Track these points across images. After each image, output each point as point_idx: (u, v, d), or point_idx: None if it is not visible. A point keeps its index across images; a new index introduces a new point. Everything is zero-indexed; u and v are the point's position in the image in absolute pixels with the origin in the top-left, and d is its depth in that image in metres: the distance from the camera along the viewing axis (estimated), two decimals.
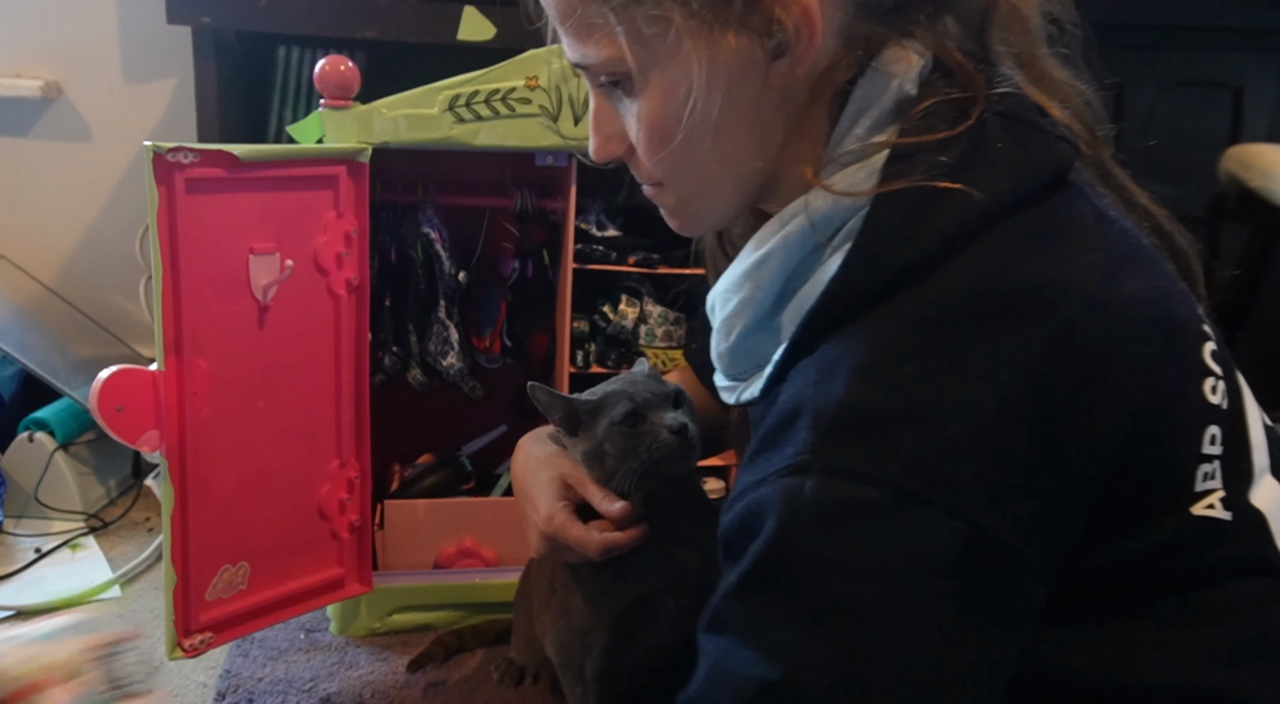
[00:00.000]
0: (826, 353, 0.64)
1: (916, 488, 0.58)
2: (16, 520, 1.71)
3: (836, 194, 0.67)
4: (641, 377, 1.01)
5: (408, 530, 1.49)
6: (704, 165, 0.72)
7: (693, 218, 0.79)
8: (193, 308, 1.14)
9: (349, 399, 1.33)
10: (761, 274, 0.72)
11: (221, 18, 1.58)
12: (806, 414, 0.61)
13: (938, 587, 0.58)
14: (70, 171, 1.98)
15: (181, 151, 1.10)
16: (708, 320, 0.80)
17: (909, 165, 0.65)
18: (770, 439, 0.64)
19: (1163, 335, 0.65)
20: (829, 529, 0.59)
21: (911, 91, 0.68)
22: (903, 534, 0.58)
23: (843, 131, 0.69)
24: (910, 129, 0.67)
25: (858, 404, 0.60)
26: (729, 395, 0.78)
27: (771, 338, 0.73)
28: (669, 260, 1.62)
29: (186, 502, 1.18)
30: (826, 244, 0.68)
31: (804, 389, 0.63)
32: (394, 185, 1.50)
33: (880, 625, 0.58)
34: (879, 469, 0.58)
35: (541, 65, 1.33)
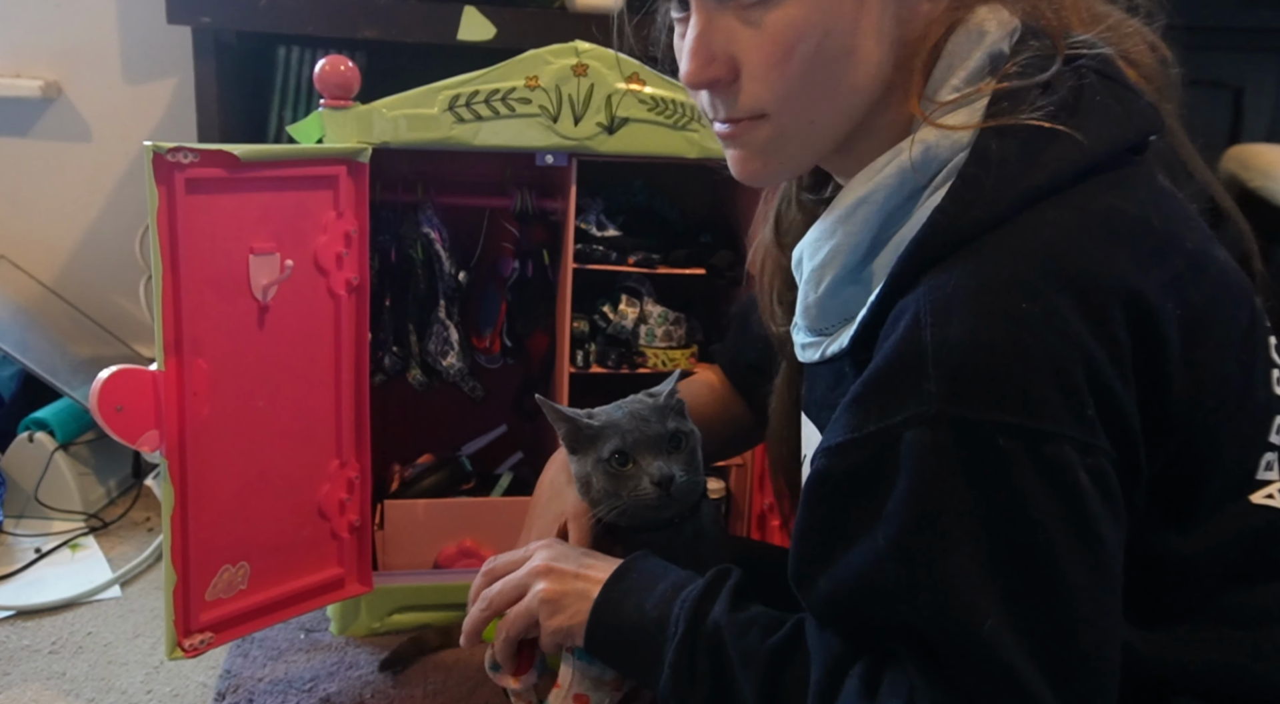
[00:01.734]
0: (936, 289, 0.62)
1: (1050, 429, 0.58)
2: (16, 520, 1.71)
3: (944, 127, 0.66)
4: (652, 405, 0.95)
5: (408, 530, 1.49)
6: (831, 91, 0.69)
7: (783, 156, 0.74)
8: (193, 308, 1.14)
9: (349, 399, 1.33)
10: (855, 220, 0.70)
11: (221, 18, 1.58)
12: (926, 360, 0.60)
13: (1085, 522, 0.59)
14: (70, 171, 1.98)
15: (181, 151, 1.10)
16: (727, 321, 0.80)
17: (1013, 105, 0.65)
18: (883, 385, 0.62)
19: (1249, 314, 0.67)
20: (974, 482, 0.59)
21: (1004, 49, 0.68)
22: (1042, 476, 0.58)
23: (938, 82, 0.69)
24: (1010, 76, 0.66)
25: (982, 347, 0.59)
26: (813, 352, 0.76)
27: (862, 290, 0.71)
28: (669, 260, 1.62)
29: (186, 502, 1.18)
30: (925, 187, 0.67)
31: (918, 331, 0.61)
32: (394, 185, 1.50)
33: (1040, 567, 0.59)
34: (1009, 415, 0.58)
35: (541, 65, 1.34)
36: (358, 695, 1.30)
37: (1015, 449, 0.58)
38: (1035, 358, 0.59)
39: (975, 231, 0.63)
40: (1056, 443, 0.59)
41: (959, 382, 0.59)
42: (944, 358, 0.60)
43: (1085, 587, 0.60)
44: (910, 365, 0.61)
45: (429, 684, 1.33)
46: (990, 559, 0.59)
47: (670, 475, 0.90)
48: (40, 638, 1.41)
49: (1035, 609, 0.59)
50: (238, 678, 1.33)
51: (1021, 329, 0.59)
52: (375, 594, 1.41)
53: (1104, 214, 0.63)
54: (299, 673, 1.35)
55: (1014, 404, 0.58)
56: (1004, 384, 0.59)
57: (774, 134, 0.72)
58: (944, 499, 0.60)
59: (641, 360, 1.60)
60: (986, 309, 0.60)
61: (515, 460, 1.70)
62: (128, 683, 1.32)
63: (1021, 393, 0.58)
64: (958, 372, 0.59)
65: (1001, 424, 0.58)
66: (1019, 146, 0.64)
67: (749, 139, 0.73)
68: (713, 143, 1.41)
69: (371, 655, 1.39)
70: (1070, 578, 0.59)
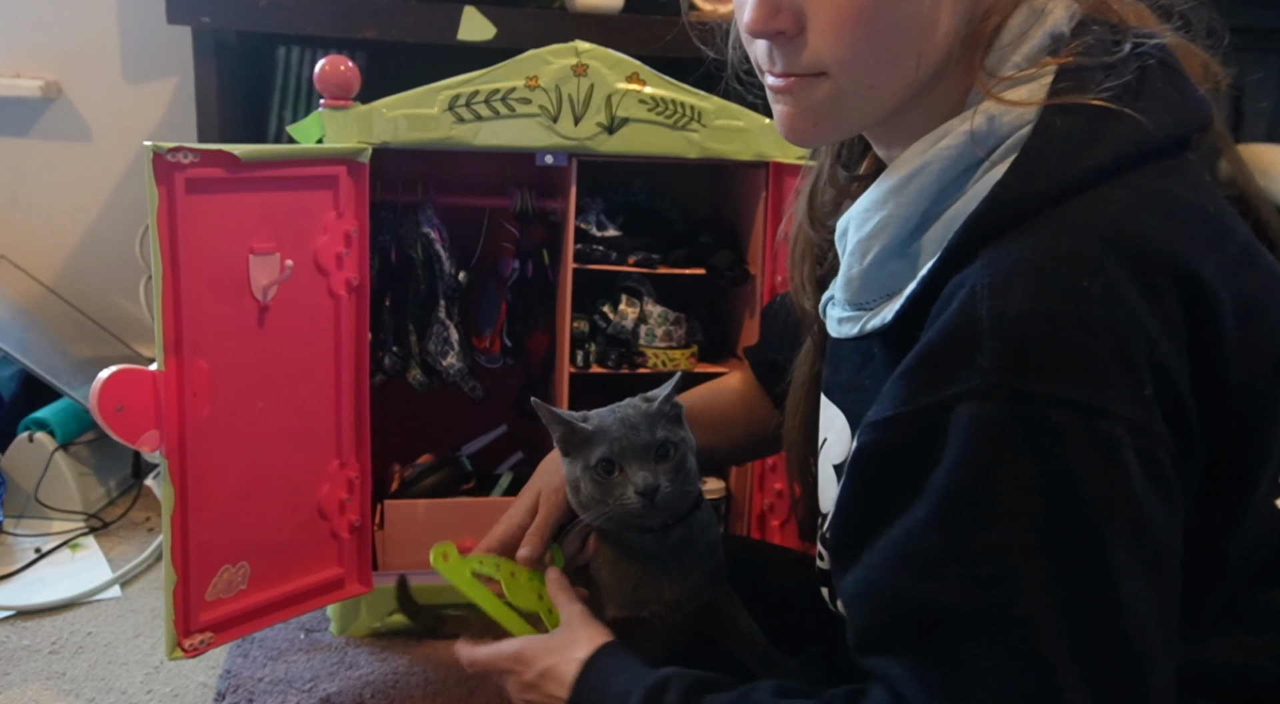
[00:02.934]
0: (996, 262, 0.61)
1: (1106, 405, 0.57)
2: (16, 520, 1.71)
3: (1009, 103, 0.65)
4: (644, 411, 0.93)
5: (408, 530, 1.49)
6: (895, 55, 0.67)
7: (836, 118, 0.71)
8: (193, 308, 1.14)
9: (349, 399, 1.33)
10: (909, 191, 0.68)
11: (221, 18, 1.58)
12: (983, 332, 0.59)
13: (1134, 505, 0.58)
14: (70, 171, 1.98)
15: (181, 151, 1.10)
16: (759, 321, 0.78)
17: (1078, 84, 0.65)
18: (936, 358, 0.62)
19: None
20: (1025, 455, 0.58)
21: (1065, 31, 0.68)
22: (1096, 454, 0.57)
23: (998, 56, 0.68)
24: (1075, 53, 0.66)
25: (1040, 319, 0.58)
26: (849, 327, 0.74)
27: (907, 265, 0.70)
28: (669, 260, 1.62)
29: (186, 502, 1.18)
30: (983, 160, 0.66)
31: (973, 303, 0.60)
32: (394, 185, 1.50)
33: (1086, 548, 0.58)
34: (1065, 389, 0.57)
35: (541, 65, 1.34)
36: (358, 695, 1.30)
37: (1070, 424, 0.57)
38: (1096, 332, 0.58)
39: (1037, 206, 0.62)
40: (1112, 421, 0.57)
41: (1015, 353, 0.58)
42: (1001, 330, 0.58)
43: (1130, 571, 0.58)
44: (965, 338, 0.60)
45: (428, 684, 1.33)
46: (1034, 535, 0.58)
47: (655, 486, 0.89)
48: (40, 638, 1.41)
49: (1075, 589, 0.58)
50: (238, 678, 1.33)
51: (1082, 303, 0.58)
52: (375, 594, 1.41)
53: (1162, 196, 0.63)
54: (299, 673, 1.35)
55: (1072, 378, 0.57)
56: (1062, 357, 0.58)
57: (830, 94, 0.69)
58: (992, 471, 0.59)
59: (641, 360, 1.60)
60: (1047, 282, 0.59)
61: (515, 460, 1.70)
62: (128, 683, 1.32)
63: (1080, 366, 0.58)
64: (1015, 343, 0.58)
65: (1057, 397, 0.57)
66: (1084, 124, 0.63)
67: (803, 96, 0.70)
68: (713, 142, 1.41)
69: (371, 655, 1.39)
70: (1115, 561, 0.58)
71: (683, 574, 0.94)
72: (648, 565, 0.93)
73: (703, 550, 0.95)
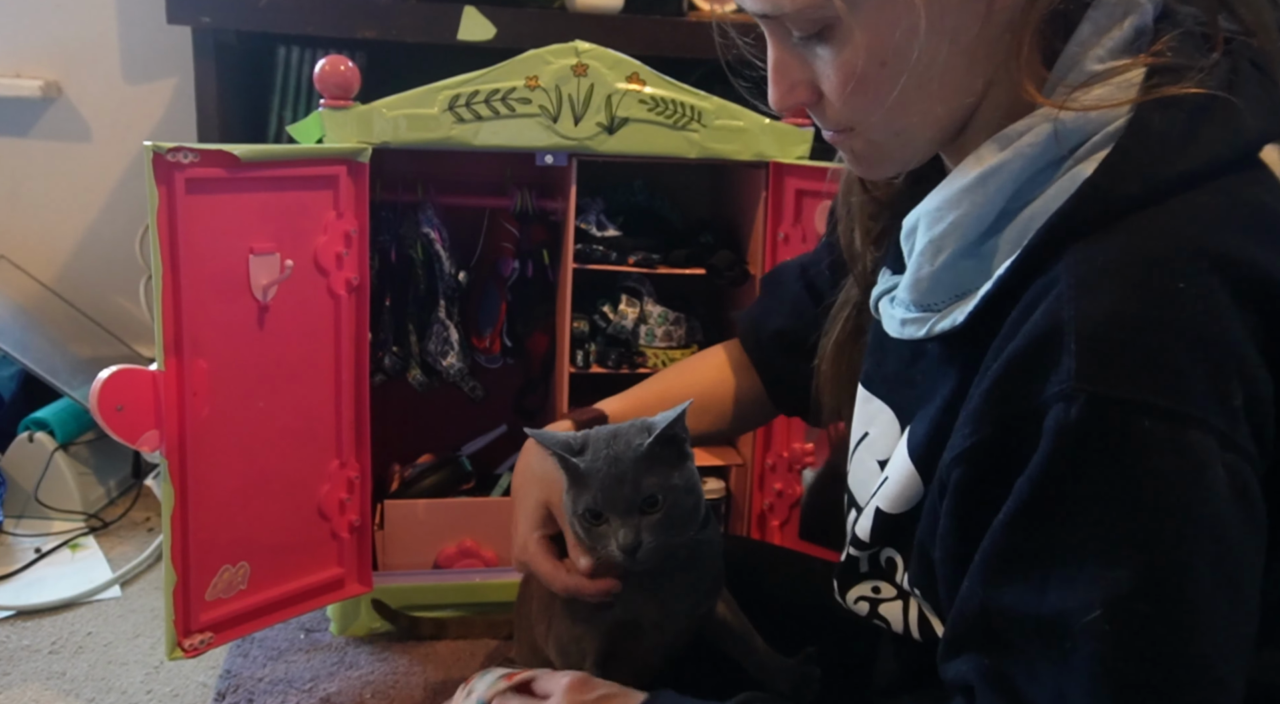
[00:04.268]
0: (1082, 263, 0.59)
1: (1196, 414, 0.55)
2: (16, 520, 1.71)
3: (1082, 110, 0.62)
4: (635, 453, 0.86)
5: (408, 530, 1.49)
6: (910, 110, 0.67)
7: (883, 161, 0.73)
8: (193, 308, 1.14)
9: (349, 399, 1.33)
10: (986, 189, 0.66)
11: (221, 18, 1.58)
12: (1068, 335, 0.57)
13: (1217, 522, 0.56)
14: (70, 171, 1.98)
15: (181, 151, 1.10)
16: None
17: (1175, 79, 0.62)
18: (1022, 365, 0.60)
19: None
20: (1108, 462, 0.56)
21: (1149, 23, 0.65)
22: (1182, 465, 0.55)
23: (1074, 55, 0.65)
24: (1165, 52, 0.63)
25: (1128, 323, 0.56)
26: (913, 328, 0.72)
27: (979, 265, 0.67)
28: (669, 260, 1.62)
29: (186, 502, 1.18)
30: (1067, 157, 0.63)
31: (1058, 306, 0.58)
32: (394, 185, 1.50)
33: (1162, 564, 0.56)
34: (1155, 395, 0.55)
35: (541, 65, 1.33)
36: (358, 695, 1.30)
37: (1158, 431, 0.55)
38: (1186, 338, 0.56)
39: (1126, 208, 0.60)
40: (1201, 430, 0.55)
41: (1102, 358, 0.56)
42: (1087, 333, 0.57)
43: (1208, 590, 0.56)
44: (1050, 342, 0.58)
45: (428, 684, 1.33)
46: (1111, 544, 0.56)
47: (637, 544, 0.85)
48: (40, 638, 1.41)
49: (1147, 604, 0.55)
50: (238, 678, 1.33)
51: (1173, 307, 0.56)
52: (375, 594, 1.41)
53: (1255, 207, 0.61)
54: (299, 673, 1.35)
55: (1160, 384, 0.55)
56: (1151, 362, 0.56)
57: (867, 144, 0.72)
58: (1074, 477, 0.57)
59: (641, 360, 1.60)
60: (1137, 285, 0.57)
61: (515, 460, 1.70)
62: (128, 683, 1.32)
63: (1169, 373, 0.55)
64: (1101, 347, 0.56)
65: (1145, 404, 0.55)
66: (1183, 122, 0.61)
67: (848, 148, 0.73)
68: (713, 143, 1.41)
69: (371, 655, 1.39)
70: (1194, 577, 0.55)
71: (683, 589, 0.93)
72: (647, 579, 0.92)
73: (705, 567, 0.94)
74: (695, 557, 0.92)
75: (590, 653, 0.99)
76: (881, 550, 0.79)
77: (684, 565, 0.92)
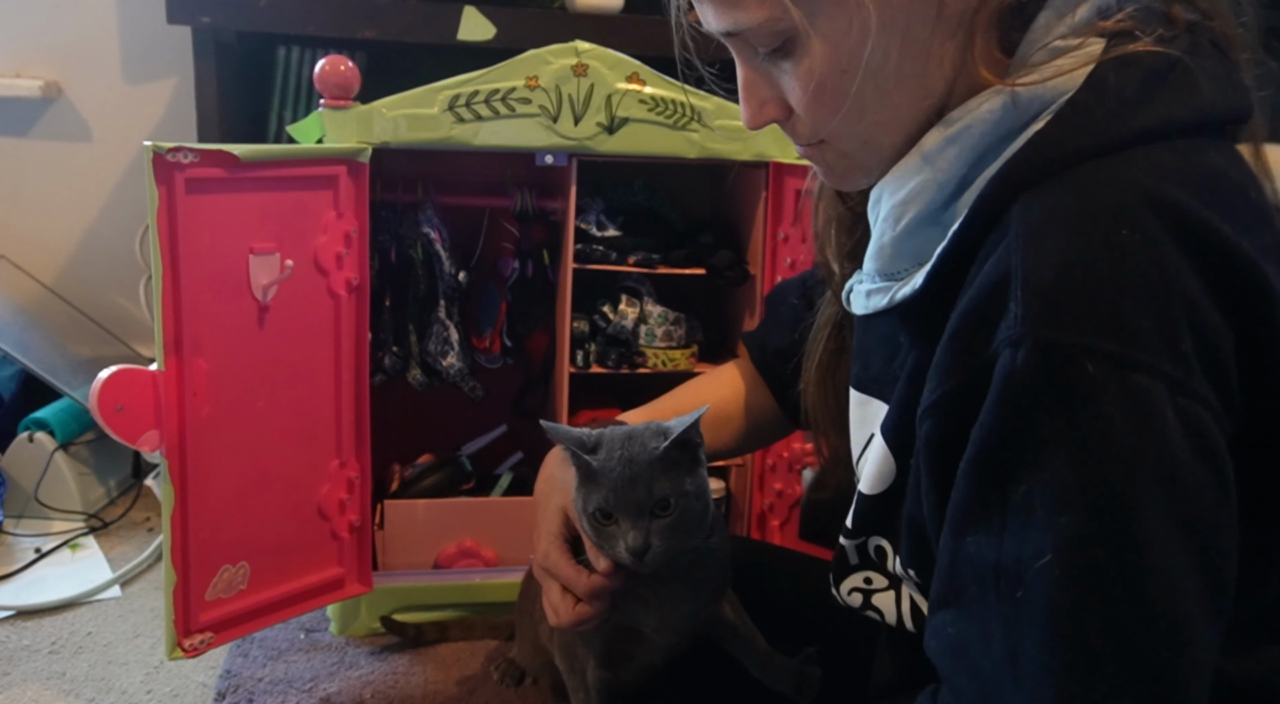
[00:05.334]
0: (1030, 210, 0.60)
1: (1141, 358, 0.55)
2: (16, 520, 1.71)
3: (1041, 80, 0.63)
4: (650, 455, 0.86)
5: (408, 530, 1.49)
6: (874, 114, 0.68)
7: (855, 171, 0.74)
8: (193, 308, 1.14)
9: (349, 399, 1.33)
10: (946, 156, 0.66)
11: (221, 18, 1.58)
12: (1015, 283, 0.57)
13: (1172, 467, 0.55)
14: (70, 171, 1.98)
15: (181, 151, 1.10)
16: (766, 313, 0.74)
17: (1133, 40, 0.62)
18: (972, 315, 0.60)
19: None
20: (1054, 406, 0.56)
21: (1111, 3, 0.65)
22: (1129, 408, 0.55)
23: (1034, 40, 0.65)
24: (1124, 20, 0.63)
25: (1073, 269, 0.57)
26: (878, 298, 0.72)
27: (940, 233, 0.67)
28: (669, 260, 1.62)
29: (186, 502, 1.18)
30: (1026, 126, 0.64)
31: (1009, 255, 0.59)
32: (394, 185, 1.50)
33: (1118, 500, 0.55)
34: (1100, 340, 0.55)
35: (541, 65, 1.34)
36: (358, 695, 1.30)
37: (1103, 375, 0.55)
38: (1132, 283, 0.56)
39: (1076, 159, 0.60)
40: (1147, 373, 0.55)
41: (1048, 303, 0.56)
42: (1033, 279, 0.57)
43: (1163, 535, 0.55)
44: (999, 290, 0.58)
45: (428, 684, 1.33)
46: (1060, 490, 0.56)
47: (646, 547, 0.85)
48: (40, 638, 1.41)
49: (1098, 548, 0.55)
50: (238, 678, 1.33)
51: (1119, 254, 0.56)
52: (375, 594, 1.41)
53: (1209, 170, 0.61)
54: (299, 673, 1.35)
55: (1106, 328, 0.55)
56: (1096, 307, 0.56)
57: (838, 155, 0.73)
58: (1021, 423, 0.57)
59: (641, 360, 1.60)
60: (1084, 233, 0.57)
61: (515, 460, 1.70)
62: (128, 683, 1.32)
63: (1115, 317, 0.55)
64: (1047, 293, 0.56)
65: (1090, 347, 0.55)
66: (1137, 81, 0.61)
67: (820, 160, 0.75)
68: (713, 143, 1.41)
69: (371, 655, 1.39)
70: (1145, 522, 0.55)
71: (687, 596, 0.93)
72: (652, 584, 0.91)
73: (710, 573, 0.93)
74: (700, 563, 0.92)
75: (593, 653, 0.99)
76: (869, 539, 0.79)
77: (688, 571, 0.92)
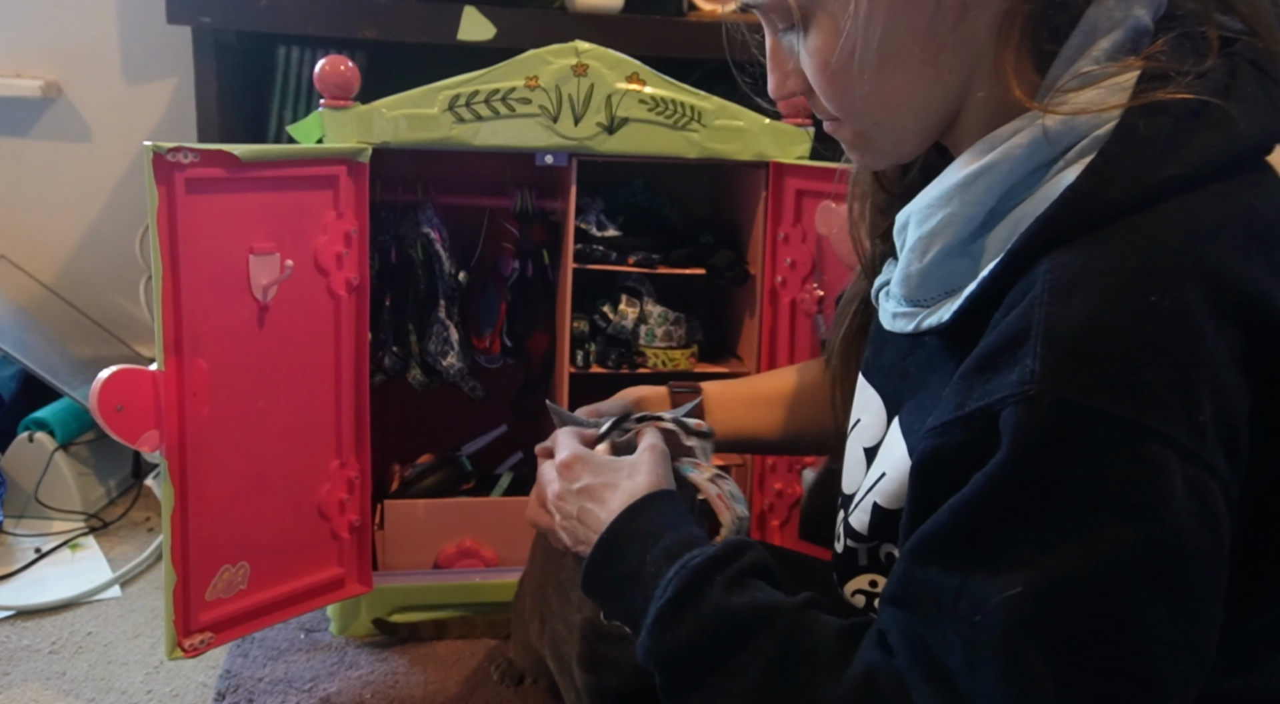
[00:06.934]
0: (1059, 268, 0.59)
1: (1153, 425, 0.55)
2: (16, 520, 1.71)
3: (1072, 113, 0.62)
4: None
5: (408, 530, 1.49)
6: (878, 97, 0.70)
7: (874, 151, 0.76)
8: (193, 308, 1.14)
9: (349, 399, 1.33)
10: (975, 189, 0.66)
11: (221, 18, 1.58)
12: (1036, 337, 0.57)
13: (1170, 523, 0.55)
14: (70, 171, 1.98)
15: (181, 151, 1.10)
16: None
17: (1165, 85, 0.61)
18: (994, 359, 0.60)
19: None
20: (1061, 466, 0.56)
21: (1149, 23, 0.64)
22: (1137, 472, 0.55)
23: (1070, 57, 0.65)
24: (1160, 53, 0.63)
25: (1097, 331, 0.56)
26: (905, 322, 0.73)
27: (969, 263, 0.68)
28: (669, 260, 1.62)
29: (186, 502, 1.18)
30: (1057, 160, 0.63)
31: (1033, 309, 0.58)
32: (394, 185, 1.50)
33: (1108, 554, 0.55)
34: (1116, 405, 0.55)
35: (541, 65, 1.33)
36: (358, 695, 1.31)
37: (1116, 440, 0.55)
38: (1156, 349, 0.56)
39: (1110, 214, 0.60)
40: (1160, 443, 0.55)
41: (1066, 363, 0.56)
42: (1055, 337, 0.57)
43: (1145, 595, 0.55)
44: (1017, 341, 0.58)
45: (428, 684, 1.33)
46: (1051, 537, 0.56)
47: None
48: (40, 638, 1.41)
49: (1072, 592, 0.55)
50: (238, 678, 1.33)
51: (1145, 320, 0.56)
52: (375, 594, 1.41)
53: (1244, 213, 0.61)
54: (299, 673, 1.35)
55: (1123, 393, 0.55)
56: (1116, 371, 0.56)
57: (854, 134, 0.75)
58: (1026, 478, 0.57)
59: (641, 360, 1.60)
60: (1112, 293, 0.57)
61: (515, 460, 1.70)
62: (128, 683, 1.32)
63: (1134, 382, 0.55)
64: (1068, 352, 0.56)
65: (1104, 412, 0.55)
66: (1169, 127, 0.60)
67: (840, 136, 0.76)
68: (713, 143, 1.41)
69: (371, 655, 1.39)
70: (1132, 583, 0.55)
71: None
72: None
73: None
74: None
75: (574, 655, 1.00)
76: (881, 545, 0.79)
77: None
